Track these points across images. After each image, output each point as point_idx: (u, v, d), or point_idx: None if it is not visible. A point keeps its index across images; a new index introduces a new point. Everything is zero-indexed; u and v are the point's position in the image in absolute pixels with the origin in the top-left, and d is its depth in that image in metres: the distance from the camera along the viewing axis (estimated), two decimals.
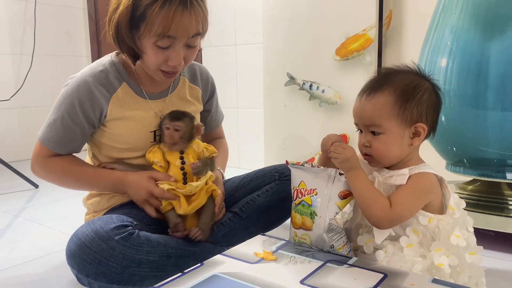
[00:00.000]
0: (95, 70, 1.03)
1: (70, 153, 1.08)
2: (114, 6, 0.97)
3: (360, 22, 1.60)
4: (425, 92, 0.87)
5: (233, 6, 2.40)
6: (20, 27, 2.77)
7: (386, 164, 0.91)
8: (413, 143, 0.87)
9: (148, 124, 1.07)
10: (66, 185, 1.09)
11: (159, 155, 1.07)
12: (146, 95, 1.08)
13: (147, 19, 0.92)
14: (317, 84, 1.74)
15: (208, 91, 1.22)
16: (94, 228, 0.91)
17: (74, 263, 0.90)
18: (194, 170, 1.03)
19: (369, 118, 0.87)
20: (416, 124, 0.86)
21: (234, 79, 2.46)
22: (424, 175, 0.85)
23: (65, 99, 1.02)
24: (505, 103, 1.21)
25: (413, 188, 0.84)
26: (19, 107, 2.81)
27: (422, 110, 0.86)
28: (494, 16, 1.22)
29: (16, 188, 2.11)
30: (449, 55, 1.28)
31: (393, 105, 0.85)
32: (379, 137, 0.87)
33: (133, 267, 0.90)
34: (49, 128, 1.05)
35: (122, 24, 0.95)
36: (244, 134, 2.46)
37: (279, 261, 0.79)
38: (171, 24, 0.91)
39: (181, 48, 0.97)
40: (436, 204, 0.86)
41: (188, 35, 0.96)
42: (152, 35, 0.93)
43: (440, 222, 0.84)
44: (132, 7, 0.93)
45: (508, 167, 1.26)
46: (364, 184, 0.84)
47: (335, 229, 0.87)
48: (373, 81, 0.90)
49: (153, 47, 0.95)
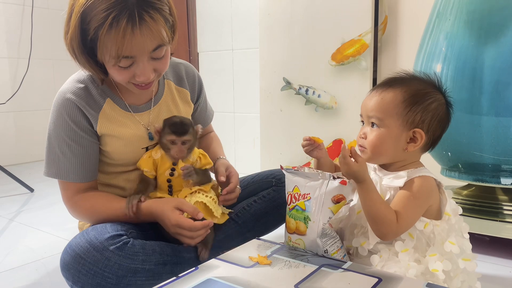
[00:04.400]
0: (75, 88, 0.98)
1: (93, 178, 1.04)
2: (65, 29, 0.92)
3: (356, 28, 1.61)
4: (435, 102, 0.87)
5: (230, 11, 2.41)
6: (17, 30, 2.77)
7: (376, 161, 0.91)
8: (408, 149, 0.87)
9: (140, 141, 1.04)
10: (100, 222, 0.99)
11: (150, 164, 1.02)
12: (131, 108, 1.04)
13: (99, 43, 0.86)
14: (313, 89, 1.75)
15: (195, 90, 1.17)
16: (88, 239, 0.89)
17: (69, 275, 0.88)
18: (185, 171, 0.99)
19: (373, 109, 0.87)
20: (415, 129, 0.86)
21: (230, 83, 2.46)
22: (424, 179, 0.85)
23: (56, 126, 0.99)
24: (500, 109, 1.21)
25: (415, 195, 0.83)
26: (15, 110, 2.80)
27: (426, 118, 0.86)
28: (488, 22, 1.23)
29: (12, 192, 2.10)
30: (443, 61, 1.29)
31: (399, 103, 0.85)
32: (376, 130, 0.87)
33: (129, 276, 0.88)
34: (57, 160, 1.00)
35: (75, 48, 0.91)
36: (240, 138, 2.46)
37: (274, 265, 0.79)
38: (122, 45, 0.85)
39: (145, 63, 0.90)
40: (433, 209, 0.86)
41: (148, 51, 0.89)
42: (108, 58, 0.87)
43: (435, 227, 0.84)
44: (81, 32, 0.88)
45: (502, 172, 1.27)
46: (374, 199, 0.83)
47: (329, 234, 0.87)
48: (389, 78, 0.91)
49: (114, 67, 0.90)
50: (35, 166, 2.71)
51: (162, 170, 1.02)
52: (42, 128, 2.80)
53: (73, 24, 0.88)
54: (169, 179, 1.02)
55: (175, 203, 0.97)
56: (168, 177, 1.02)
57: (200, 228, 0.95)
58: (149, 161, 1.02)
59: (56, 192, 1.13)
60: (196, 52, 2.62)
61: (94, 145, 1.01)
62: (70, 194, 1.02)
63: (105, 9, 0.83)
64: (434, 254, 0.82)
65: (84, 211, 1.02)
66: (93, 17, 0.85)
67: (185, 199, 1.01)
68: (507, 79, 1.20)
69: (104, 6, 0.83)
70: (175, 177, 1.02)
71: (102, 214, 0.99)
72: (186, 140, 1.00)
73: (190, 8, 2.62)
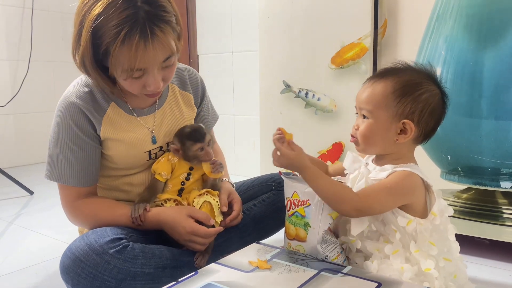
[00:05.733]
0: (80, 92, 0.99)
1: (94, 182, 1.04)
2: (73, 45, 0.92)
3: (356, 31, 1.61)
4: (426, 93, 0.85)
5: (229, 14, 2.42)
6: (17, 33, 2.77)
7: (368, 152, 0.91)
8: (399, 140, 0.86)
9: (142, 145, 1.04)
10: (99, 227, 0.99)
11: (168, 167, 1.03)
12: (136, 112, 1.04)
13: (111, 58, 0.87)
14: (312, 92, 1.75)
15: (199, 95, 1.18)
16: (88, 242, 0.89)
17: (69, 278, 0.89)
18: (215, 164, 1.03)
19: (364, 101, 0.87)
20: (404, 120, 0.84)
21: (230, 86, 2.47)
22: (407, 174, 0.83)
23: (59, 130, 0.99)
24: (499, 112, 1.22)
25: (391, 184, 0.82)
26: (15, 113, 2.80)
27: (416, 109, 0.84)
28: (487, 26, 1.23)
29: (11, 194, 2.10)
30: (443, 64, 1.30)
31: (389, 95, 0.85)
32: (366, 122, 0.87)
33: (129, 280, 0.89)
34: (59, 164, 1.00)
35: (87, 64, 0.91)
36: (240, 141, 2.46)
37: (274, 269, 0.79)
38: (135, 60, 0.86)
39: (156, 74, 0.91)
40: (418, 207, 0.85)
41: (159, 62, 0.90)
42: (120, 72, 0.89)
43: (419, 226, 0.83)
44: (92, 47, 0.88)
45: (502, 175, 1.27)
46: (322, 184, 0.82)
47: (329, 240, 0.87)
48: (383, 69, 0.90)
49: (126, 79, 0.91)
50: (34, 169, 2.71)
51: (178, 173, 1.04)
52: (42, 131, 2.82)
53: (84, 40, 0.88)
54: (183, 182, 1.04)
55: (187, 211, 0.99)
56: (183, 180, 1.04)
57: (214, 234, 0.99)
58: (168, 165, 1.04)
59: (56, 195, 1.12)
60: (196, 55, 2.62)
61: (96, 150, 1.01)
62: (70, 199, 1.02)
63: (116, 25, 0.84)
64: (417, 250, 0.82)
65: (85, 217, 1.02)
66: (104, 32, 0.85)
67: (194, 199, 1.03)
68: (506, 82, 1.20)
69: (115, 22, 0.84)
70: (190, 182, 1.05)
71: (104, 221, 0.99)
72: (209, 140, 1.04)
73: (190, 10, 2.62)
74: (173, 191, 1.05)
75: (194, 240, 0.97)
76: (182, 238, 0.97)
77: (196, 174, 1.05)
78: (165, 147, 1.08)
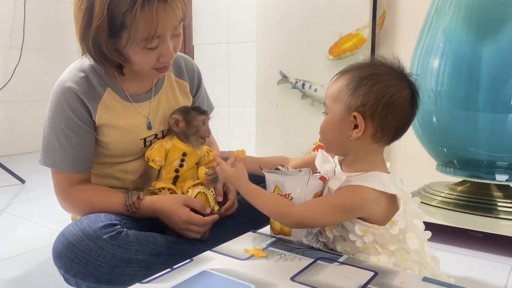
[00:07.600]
0: (75, 77, 0.97)
1: (88, 169, 1.02)
2: (82, 24, 0.88)
3: (354, 22, 1.60)
4: (379, 84, 0.79)
5: (226, 4, 2.40)
6: (9, 20, 2.72)
7: (332, 151, 0.90)
8: (352, 135, 0.81)
9: (138, 131, 1.03)
10: None
11: (161, 153, 1.02)
12: (132, 98, 1.03)
13: (129, 27, 0.85)
14: (309, 83, 1.74)
15: (195, 84, 1.17)
16: (82, 227, 0.88)
17: (61, 263, 0.87)
18: (210, 177, 1.01)
19: (326, 97, 0.86)
20: (354, 112, 0.79)
21: (226, 77, 2.45)
22: (357, 191, 0.79)
23: (54, 115, 0.97)
24: (496, 105, 1.22)
25: (336, 201, 0.80)
26: (7, 101, 2.76)
27: (368, 102, 0.78)
28: (486, 18, 1.23)
29: (3, 183, 2.08)
30: (441, 56, 1.29)
31: (343, 88, 0.81)
32: (325, 118, 0.86)
33: (122, 266, 0.87)
34: (53, 149, 0.98)
35: (101, 39, 0.88)
36: (235, 133, 2.45)
37: (270, 258, 0.79)
38: (156, 25, 0.85)
39: (169, 42, 0.92)
40: (375, 218, 0.81)
41: (175, 27, 0.91)
42: (138, 41, 0.87)
43: (376, 234, 0.81)
44: (108, 18, 0.85)
45: (497, 168, 1.28)
46: (260, 199, 0.83)
47: (313, 232, 0.86)
48: (350, 65, 0.86)
49: (142, 51, 0.89)
50: (26, 158, 2.68)
51: (171, 159, 1.03)
52: (34, 119, 2.79)
53: (99, 14, 0.84)
54: (177, 169, 1.03)
55: (182, 200, 0.97)
56: (176, 167, 1.03)
57: (210, 223, 0.98)
58: (162, 150, 1.03)
59: (47, 184, 1.11)
60: (192, 45, 2.60)
61: (91, 136, 1.00)
62: (64, 186, 1.00)
63: None
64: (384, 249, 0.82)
65: (79, 204, 1.00)
66: (119, 2, 0.84)
67: (189, 189, 1.02)
68: (504, 75, 1.20)
69: None
70: (184, 168, 1.03)
71: (97, 208, 0.97)
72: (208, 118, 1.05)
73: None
74: (167, 178, 1.03)
75: (190, 229, 0.97)
76: (178, 226, 0.97)
77: (190, 161, 1.04)
78: (160, 135, 1.07)
